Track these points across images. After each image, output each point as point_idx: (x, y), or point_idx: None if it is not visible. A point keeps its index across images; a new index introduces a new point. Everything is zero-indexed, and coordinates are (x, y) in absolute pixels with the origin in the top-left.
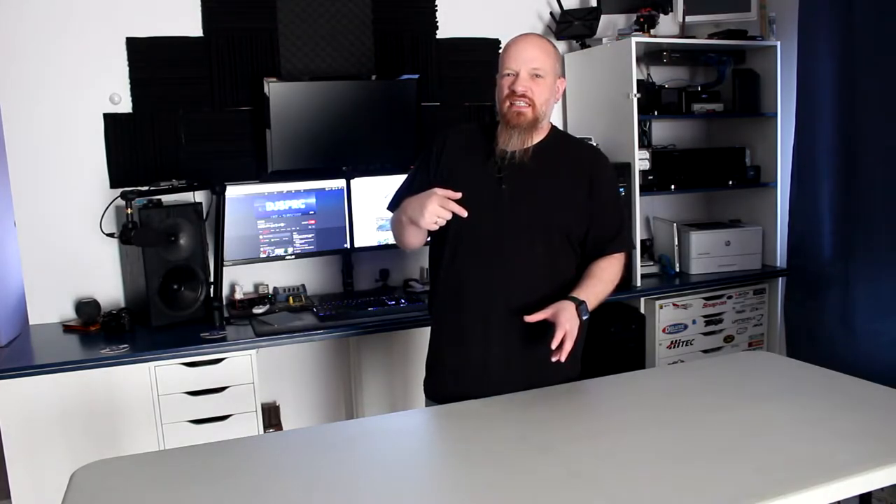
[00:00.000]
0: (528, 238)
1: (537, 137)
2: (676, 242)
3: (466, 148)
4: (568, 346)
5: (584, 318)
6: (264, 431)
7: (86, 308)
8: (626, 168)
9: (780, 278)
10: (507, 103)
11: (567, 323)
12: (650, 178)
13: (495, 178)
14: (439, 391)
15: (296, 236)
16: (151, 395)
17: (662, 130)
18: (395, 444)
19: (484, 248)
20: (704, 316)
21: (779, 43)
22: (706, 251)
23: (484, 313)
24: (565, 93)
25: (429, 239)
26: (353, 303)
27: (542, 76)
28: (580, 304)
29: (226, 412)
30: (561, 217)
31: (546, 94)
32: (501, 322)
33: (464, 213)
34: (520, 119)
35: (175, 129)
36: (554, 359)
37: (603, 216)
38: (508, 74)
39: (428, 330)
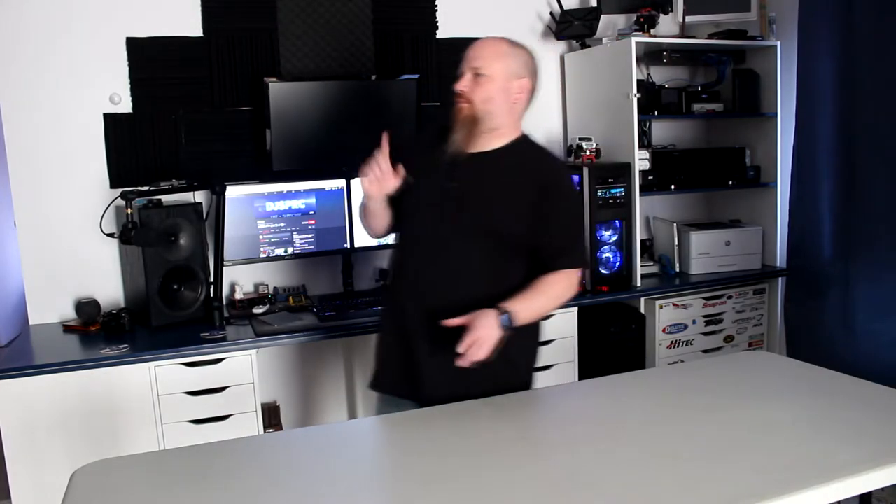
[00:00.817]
0: (467, 238)
1: (498, 140)
2: (676, 242)
3: (434, 141)
4: (477, 355)
5: (506, 327)
6: (264, 431)
7: (86, 308)
8: (626, 168)
9: (780, 278)
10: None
11: (481, 330)
12: (650, 178)
13: (445, 175)
14: (377, 381)
15: (296, 236)
16: (151, 395)
17: (662, 130)
18: (394, 444)
19: (423, 243)
20: (704, 316)
21: (779, 43)
22: (706, 251)
23: (416, 311)
24: (565, 93)
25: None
26: (353, 303)
27: (484, 75)
28: (503, 314)
29: (226, 412)
30: (501, 220)
31: (487, 93)
32: (432, 321)
33: (391, 180)
34: (459, 115)
35: (175, 129)
36: (457, 363)
37: (552, 227)
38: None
39: None
